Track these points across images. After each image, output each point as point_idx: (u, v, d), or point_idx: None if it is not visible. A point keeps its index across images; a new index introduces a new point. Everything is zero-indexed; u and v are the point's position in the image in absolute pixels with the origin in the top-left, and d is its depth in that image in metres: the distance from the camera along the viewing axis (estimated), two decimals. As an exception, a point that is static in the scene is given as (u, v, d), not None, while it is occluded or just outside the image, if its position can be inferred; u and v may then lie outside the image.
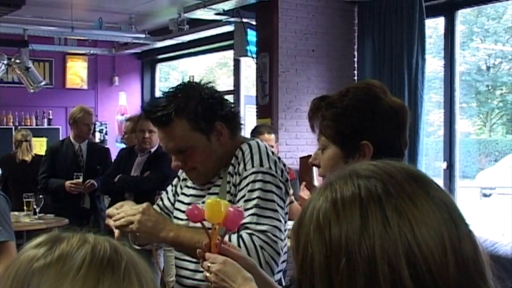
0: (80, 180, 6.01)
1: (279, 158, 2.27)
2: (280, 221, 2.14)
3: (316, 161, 1.87)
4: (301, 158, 6.54)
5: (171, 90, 2.26)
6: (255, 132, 5.40)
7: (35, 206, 5.95)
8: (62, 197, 6.12)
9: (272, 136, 5.35)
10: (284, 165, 2.29)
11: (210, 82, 2.32)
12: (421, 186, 0.89)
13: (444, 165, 6.32)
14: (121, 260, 0.85)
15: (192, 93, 2.22)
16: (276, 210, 2.14)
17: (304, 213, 0.93)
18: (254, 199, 2.13)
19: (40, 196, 6.02)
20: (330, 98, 1.84)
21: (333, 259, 0.86)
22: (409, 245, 0.83)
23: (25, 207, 5.97)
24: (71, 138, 6.28)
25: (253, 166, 2.18)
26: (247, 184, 2.16)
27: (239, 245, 2.03)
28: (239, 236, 2.07)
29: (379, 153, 1.71)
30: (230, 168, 2.24)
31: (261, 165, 2.18)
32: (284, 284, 3.45)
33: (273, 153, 2.27)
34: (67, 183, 6.01)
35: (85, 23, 8.68)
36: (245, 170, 2.19)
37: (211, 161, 2.25)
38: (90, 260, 0.83)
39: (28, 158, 6.74)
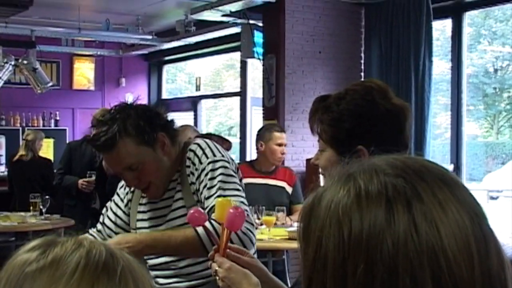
0: (93, 178, 6.06)
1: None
2: (244, 197, 2.29)
3: (317, 161, 1.88)
4: (307, 160, 6.54)
5: (107, 115, 2.34)
6: (265, 130, 5.37)
7: (41, 207, 5.97)
8: (74, 194, 6.19)
9: (284, 135, 5.35)
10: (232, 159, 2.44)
11: (140, 101, 2.49)
12: (452, 191, 0.81)
13: (451, 167, 6.30)
14: (117, 265, 0.81)
15: (128, 113, 2.31)
16: (238, 189, 2.28)
17: (318, 201, 0.85)
18: (216, 184, 2.26)
19: (46, 196, 6.05)
20: (327, 101, 1.83)
21: (350, 261, 0.78)
22: (436, 257, 0.76)
23: (31, 208, 5.99)
24: None
25: (207, 158, 2.31)
26: (206, 174, 2.29)
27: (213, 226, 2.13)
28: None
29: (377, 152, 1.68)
30: (187, 170, 2.35)
31: (214, 155, 2.33)
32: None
33: (217, 146, 2.41)
34: (80, 181, 6.09)
35: (92, 24, 8.69)
36: (201, 163, 2.31)
37: (163, 172, 2.36)
38: (85, 265, 0.79)
39: (25, 157, 6.76)
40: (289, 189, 5.30)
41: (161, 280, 2.43)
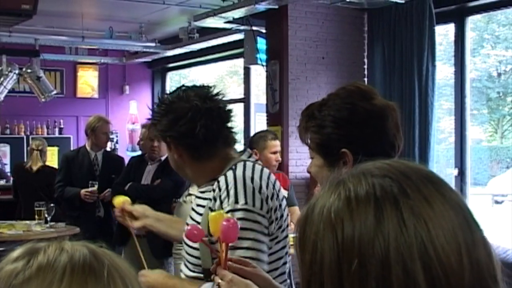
0: (95, 188, 6.02)
1: (262, 184, 2.16)
2: (252, 258, 2.07)
3: (311, 168, 1.89)
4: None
5: (171, 96, 2.36)
6: (258, 138, 5.33)
7: (46, 215, 5.96)
8: (77, 205, 6.12)
9: (277, 142, 5.32)
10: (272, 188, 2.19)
11: (209, 90, 2.46)
12: (437, 188, 0.86)
13: (455, 172, 6.30)
14: (102, 265, 0.82)
15: (176, 107, 2.29)
16: (251, 248, 2.08)
17: (311, 210, 0.89)
18: None
19: (51, 204, 6.04)
20: (310, 109, 1.85)
21: (345, 260, 0.82)
22: (425, 248, 0.80)
23: (36, 216, 5.99)
24: (87, 147, 6.28)
25: (228, 203, 2.12)
26: None
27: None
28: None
29: (363, 158, 1.68)
30: (211, 194, 2.20)
31: (236, 201, 2.11)
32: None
33: (252, 180, 2.15)
34: (82, 191, 6.02)
35: (96, 32, 8.72)
36: (221, 203, 2.14)
37: (176, 167, 2.40)
38: (71, 270, 0.80)
39: (35, 167, 6.76)
40: (285, 193, 5.29)
41: None
